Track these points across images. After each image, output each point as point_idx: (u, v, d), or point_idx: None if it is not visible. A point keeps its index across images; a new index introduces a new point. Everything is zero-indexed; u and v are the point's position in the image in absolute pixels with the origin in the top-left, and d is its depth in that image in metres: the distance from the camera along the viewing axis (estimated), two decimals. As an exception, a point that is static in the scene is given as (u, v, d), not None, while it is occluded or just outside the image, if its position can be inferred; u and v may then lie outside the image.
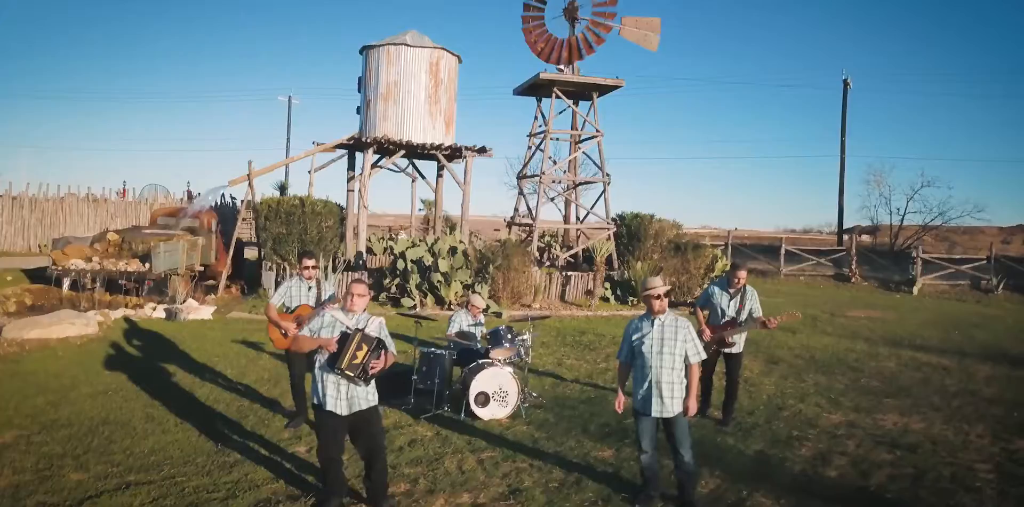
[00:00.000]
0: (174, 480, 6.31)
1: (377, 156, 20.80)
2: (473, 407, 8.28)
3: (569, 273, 19.81)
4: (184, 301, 15.96)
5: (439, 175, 22.31)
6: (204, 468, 6.61)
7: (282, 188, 41.02)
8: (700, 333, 8.52)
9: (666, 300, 5.91)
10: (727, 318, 8.55)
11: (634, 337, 5.98)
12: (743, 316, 8.49)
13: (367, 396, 5.67)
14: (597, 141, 21.71)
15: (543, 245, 24.11)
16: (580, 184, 23.42)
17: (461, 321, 9.44)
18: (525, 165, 23.15)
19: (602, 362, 11.96)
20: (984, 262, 27.19)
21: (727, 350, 8.64)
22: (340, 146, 20.74)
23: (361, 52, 20.08)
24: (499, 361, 8.63)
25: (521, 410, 8.62)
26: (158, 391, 9.39)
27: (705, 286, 19.64)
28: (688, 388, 5.87)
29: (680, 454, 5.88)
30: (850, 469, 7.12)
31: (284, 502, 5.87)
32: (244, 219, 20.57)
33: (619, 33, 21.77)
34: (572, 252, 22.44)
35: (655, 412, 5.81)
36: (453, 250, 17.89)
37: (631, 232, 22.50)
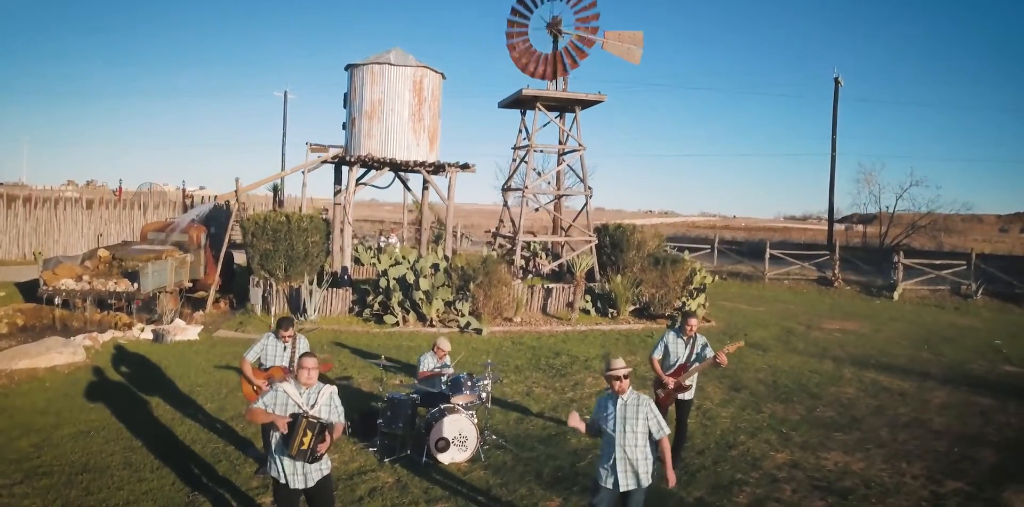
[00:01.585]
0: (144, 538, 6.79)
1: (363, 170, 21.18)
2: (434, 452, 8.75)
3: (551, 286, 20.24)
4: (171, 320, 16.41)
5: (424, 187, 22.69)
6: (173, 524, 7.09)
7: (275, 188, 41.40)
8: (662, 384, 8.96)
9: (627, 381, 6.29)
10: (679, 364, 9.00)
11: (600, 415, 6.39)
12: (692, 360, 8.94)
13: (320, 468, 6.13)
14: (579, 155, 22.08)
15: (528, 254, 24.54)
16: (562, 196, 23.78)
17: (428, 364, 9.87)
18: (510, 177, 23.53)
19: (570, 391, 12.43)
20: (964, 267, 27.60)
21: (681, 396, 9.08)
22: (326, 162, 21.11)
23: (346, 69, 20.40)
24: (460, 406, 9.09)
25: (480, 453, 9.08)
26: (139, 429, 9.86)
27: (683, 299, 20.13)
28: (662, 460, 6.30)
29: None
30: (780, 520, 7.60)
31: (244, 564, 6.36)
32: (237, 221, 20.86)
33: (602, 47, 22.04)
34: (558, 263, 22.85)
35: (622, 486, 6.21)
36: (436, 267, 18.32)
37: (614, 242, 22.91)
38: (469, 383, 9.37)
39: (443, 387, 9.68)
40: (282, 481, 6.04)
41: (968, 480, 8.99)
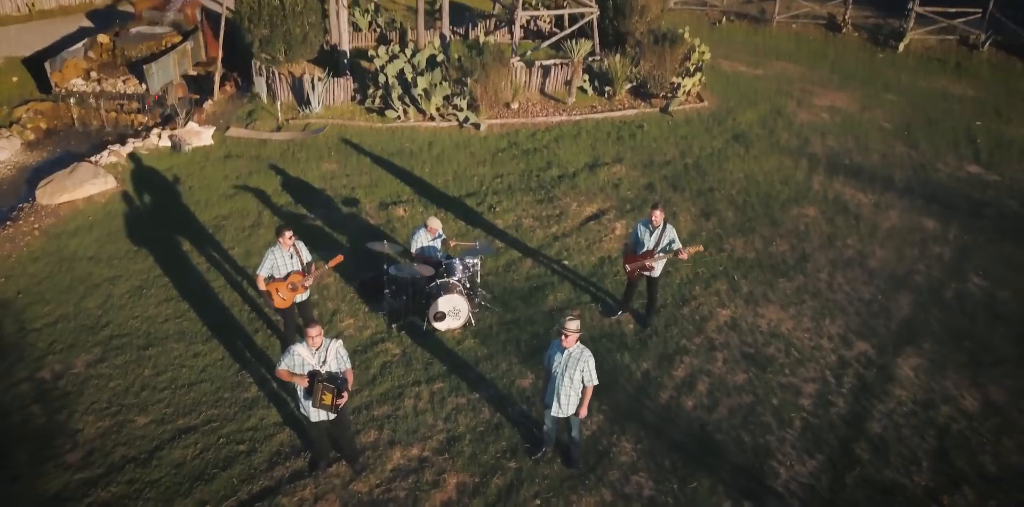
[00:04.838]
0: (211, 426, 8.92)
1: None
2: (433, 323, 10.58)
3: (548, 64, 20.48)
4: (185, 123, 17.23)
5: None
6: (231, 410, 9.18)
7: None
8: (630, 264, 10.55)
9: (574, 337, 7.79)
10: (646, 249, 10.45)
11: (550, 358, 8.05)
12: (660, 248, 10.37)
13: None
14: (583, -86, 20.65)
15: (528, 17, 24.03)
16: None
17: (421, 240, 11.18)
18: (509, -64, 22.10)
19: (555, 225, 13.78)
20: (979, 16, 26.86)
21: (647, 274, 10.67)
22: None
23: None
24: (454, 281, 10.70)
25: (471, 319, 10.89)
26: (182, 287, 11.64)
27: (679, 78, 20.50)
28: (582, 401, 8.09)
29: (569, 432, 8.36)
30: (704, 399, 9.61)
31: (290, 456, 8.53)
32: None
33: None
34: (557, 37, 22.51)
35: (554, 412, 8.14)
36: (432, 61, 18.55)
37: (617, 7, 22.44)
38: (461, 267, 10.87)
39: (438, 254, 11.16)
40: (310, 417, 7.89)
41: (875, 341, 10.85)
